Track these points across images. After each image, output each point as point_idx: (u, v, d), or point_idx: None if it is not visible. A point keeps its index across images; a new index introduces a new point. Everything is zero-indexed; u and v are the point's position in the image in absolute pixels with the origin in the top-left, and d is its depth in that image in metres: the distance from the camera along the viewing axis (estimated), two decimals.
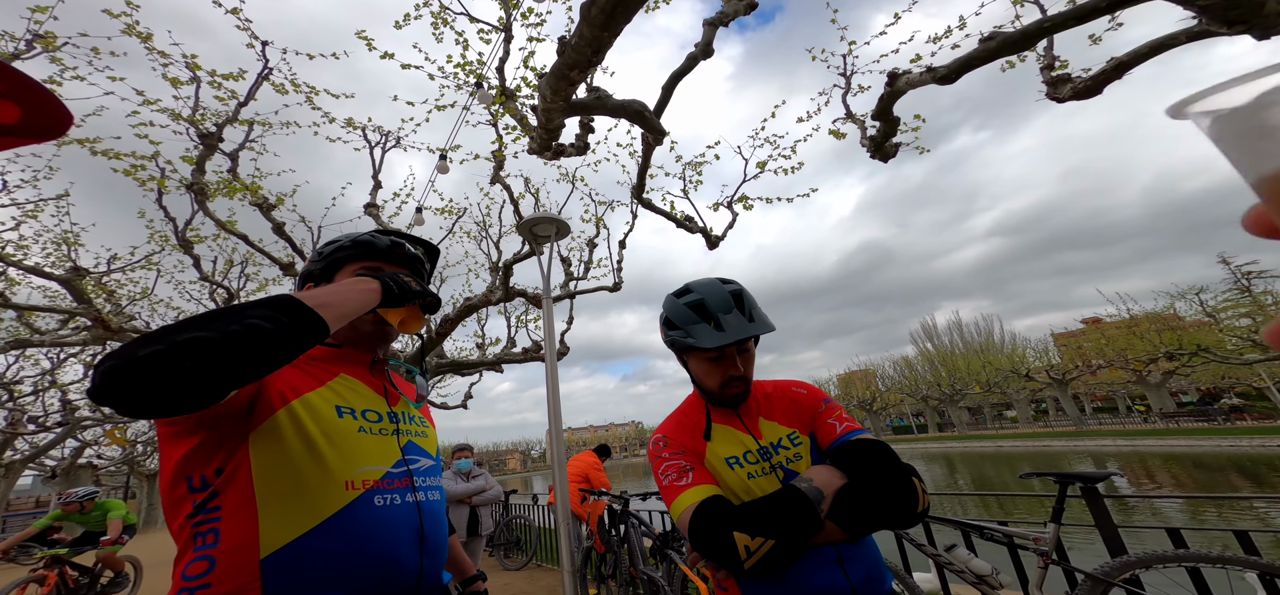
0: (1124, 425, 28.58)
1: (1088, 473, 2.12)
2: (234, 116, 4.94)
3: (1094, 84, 3.66)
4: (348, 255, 0.98)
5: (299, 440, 0.76)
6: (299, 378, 0.84)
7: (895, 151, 4.72)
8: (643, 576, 3.32)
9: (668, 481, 1.00)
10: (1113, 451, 21.54)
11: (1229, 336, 22.35)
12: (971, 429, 40.76)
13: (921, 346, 47.69)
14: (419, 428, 0.98)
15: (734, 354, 1.04)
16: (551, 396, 3.46)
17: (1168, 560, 1.83)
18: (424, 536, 0.84)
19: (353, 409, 0.87)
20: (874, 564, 0.98)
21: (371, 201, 6.52)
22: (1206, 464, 15.89)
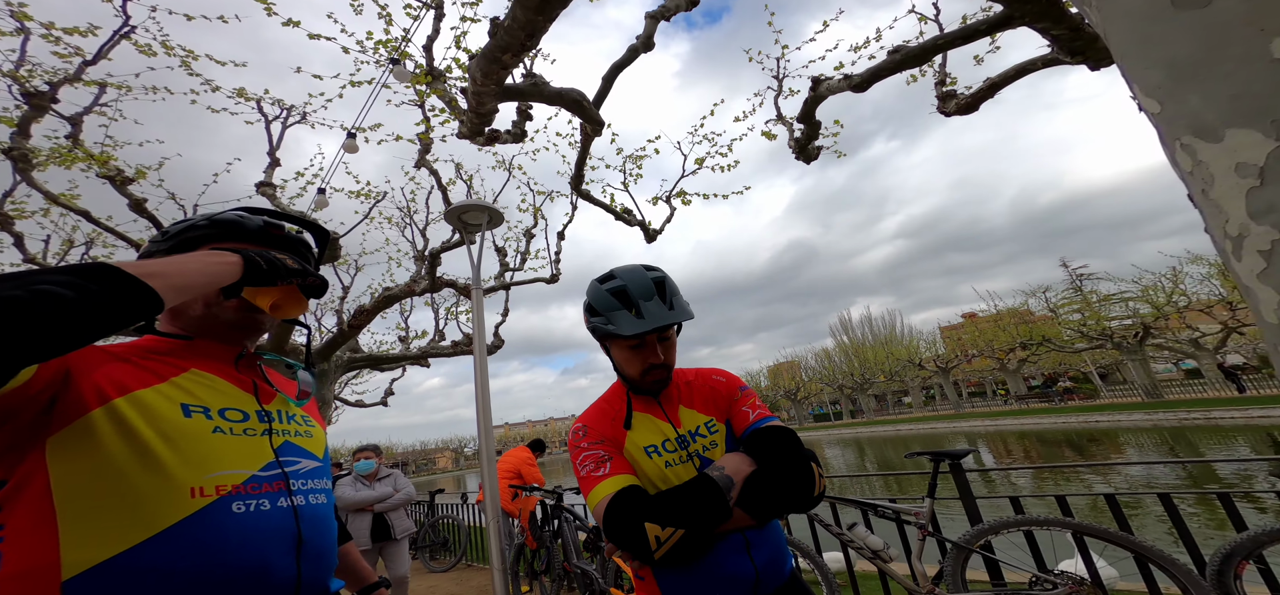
0: (990, 407, 34.01)
1: (953, 450, 2.48)
2: (76, 75, 4.03)
3: (973, 101, 4.27)
4: (202, 235, 0.84)
5: (124, 444, 0.66)
6: (128, 373, 0.72)
7: (817, 154, 5.12)
8: (576, 570, 3.34)
9: (585, 472, 1.00)
10: (982, 431, 25.53)
11: (1065, 328, 27.34)
12: (877, 415, 45.92)
13: (839, 339, 52.62)
14: (301, 427, 0.89)
15: (655, 342, 1.05)
16: (480, 391, 3.31)
17: (1010, 526, 2.22)
18: (303, 542, 0.78)
19: (206, 407, 0.77)
20: (777, 548, 1.03)
21: (266, 180, 5.70)
22: (1047, 439, 19.36)
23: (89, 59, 4.01)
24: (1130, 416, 20.01)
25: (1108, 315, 24.88)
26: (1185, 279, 22.28)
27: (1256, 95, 0.38)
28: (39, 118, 4.06)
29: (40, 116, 4.05)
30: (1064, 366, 35.28)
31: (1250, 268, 0.41)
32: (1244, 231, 0.41)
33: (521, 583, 4.00)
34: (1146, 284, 23.66)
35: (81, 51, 4.01)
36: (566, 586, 3.74)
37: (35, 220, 5.62)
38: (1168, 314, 22.54)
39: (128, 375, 0.72)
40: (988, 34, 3.44)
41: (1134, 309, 24.02)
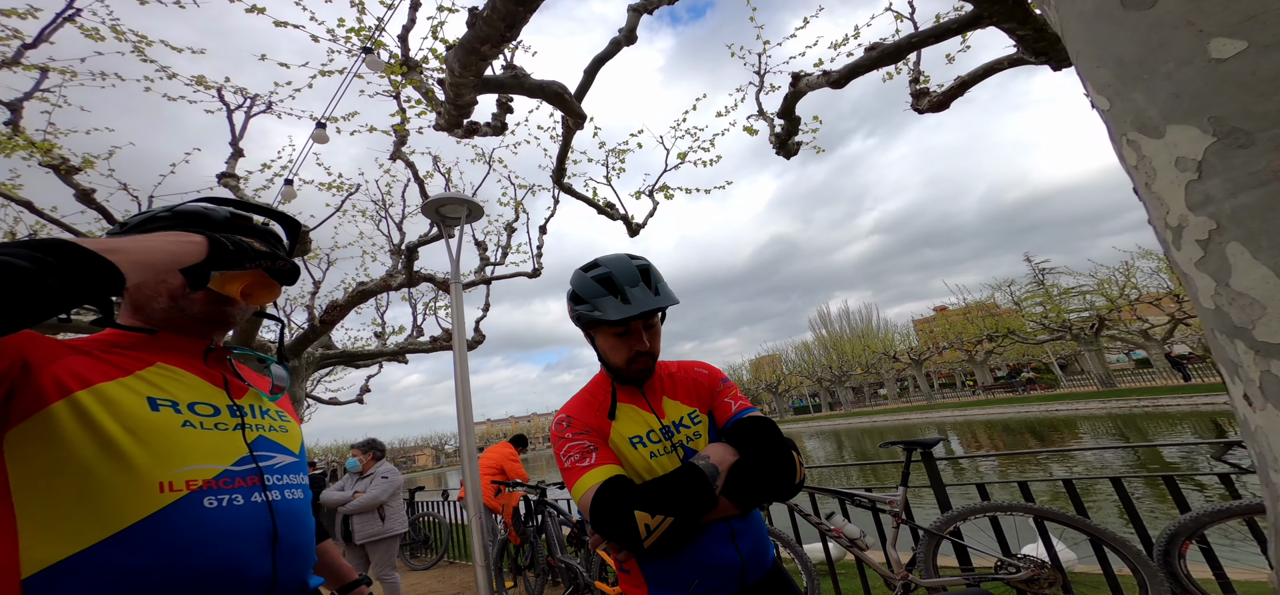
0: (960, 398, 35.42)
1: (924, 440, 2.57)
2: (15, 59, 3.73)
3: (944, 98, 4.41)
4: (162, 227, 0.82)
5: (88, 438, 0.64)
6: (90, 366, 0.70)
7: (797, 149, 5.21)
8: (561, 564, 3.34)
9: (570, 463, 1.00)
10: (952, 421, 26.55)
11: (1028, 321, 28.64)
12: (854, 407, 47.21)
13: (818, 332, 53.80)
14: (275, 422, 0.88)
15: (640, 329, 1.05)
16: (460, 387, 3.26)
17: (976, 512, 2.32)
18: (278, 538, 0.76)
19: (174, 401, 0.75)
20: (760, 537, 1.05)
21: (229, 171, 5.43)
22: (1012, 428, 20.35)
23: (29, 42, 3.72)
24: (1087, 405, 21.16)
25: (1067, 308, 26.11)
26: (1136, 273, 23.40)
27: (1195, 93, 0.40)
28: None
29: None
30: (1027, 358, 36.96)
31: (1189, 256, 0.43)
32: (1183, 222, 0.43)
33: (505, 578, 3.97)
34: (1102, 278, 24.89)
35: (20, 34, 3.72)
36: (551, 581, 3.74)
37: None
38: (1120, 306, 23.84)
39: (89, 368, 0.69)
40: (959, 33, 3.54)
41: (1090, 302, 25.30)
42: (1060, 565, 2.19)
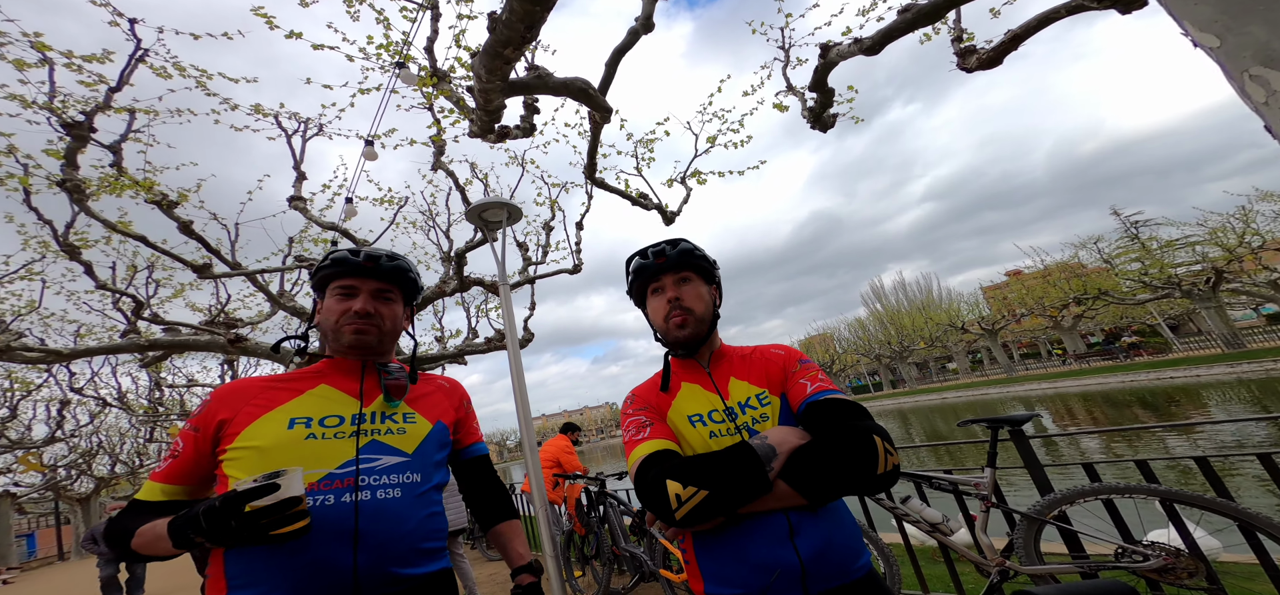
0: (1046, 368, 31.95)
1: (1013, 416, 2.26)
2: (106, 104, 4.23)
3: (995, 54, 3.95)
4: (329, 273, 1.06)
5: (252, 458, 0.89)
6: (267, 400, 0.95)
7: (833, 122, 4.90)
8: (625, 553, 3.38)
9: (627, 439, 1.02)
10: (1038, 394, 23.99)
11: (1124, 279, 25.21)
12: (920, 383, 44.14)
13: (872, 307, 50.74)
14: (394, 426, 1.00)
15: (670, 282, 1.08)
16: (517, 385, 3.33)
17: (1087, 494, 2.00)
18: (360, 535, 0.87)
19: (309, 418, 0.94)
20: (834, 540, 0.90)
21: (297, 194, 5.91)
22: (1115, 399, 17.93)
23: (114, 86, 4.19)
24: (1210, 370, 18.31)
25: (1172, 262, 22.72)
26: (1256, 217, 20.06)
27: None
28: (82, 148, 4.30)
29: (83, 147, 4.29)
30: (1127, 320, 32.61)
31: None
32: None
33: (573, 568, 4.07)
34: (1214, 226, 21.39)
35: (104, 79, 4.18)
36: (617, 570, 3.81)
37: (99, 248, 6.01)
38: (1241, 256, 20.32)
39: (259, 406, 0.94)
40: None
41: (1202, 253, 21.81)
42: (1201, 553, 1.84)
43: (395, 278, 1.10)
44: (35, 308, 7.38)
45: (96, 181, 4.68)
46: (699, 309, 1.07)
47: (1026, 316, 34.24)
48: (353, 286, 1.06)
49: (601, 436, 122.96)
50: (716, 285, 1.16)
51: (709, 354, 1.11)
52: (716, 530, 0.92)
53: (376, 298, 1.08)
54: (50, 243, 5.53)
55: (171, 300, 7.71)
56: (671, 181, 6.42)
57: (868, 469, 0.83)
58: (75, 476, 19.19)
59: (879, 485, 0.85)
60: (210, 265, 5.97)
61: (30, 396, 12.74)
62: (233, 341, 5.87)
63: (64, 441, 15.77)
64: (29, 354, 5.37)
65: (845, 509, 0.97)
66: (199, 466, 0.92)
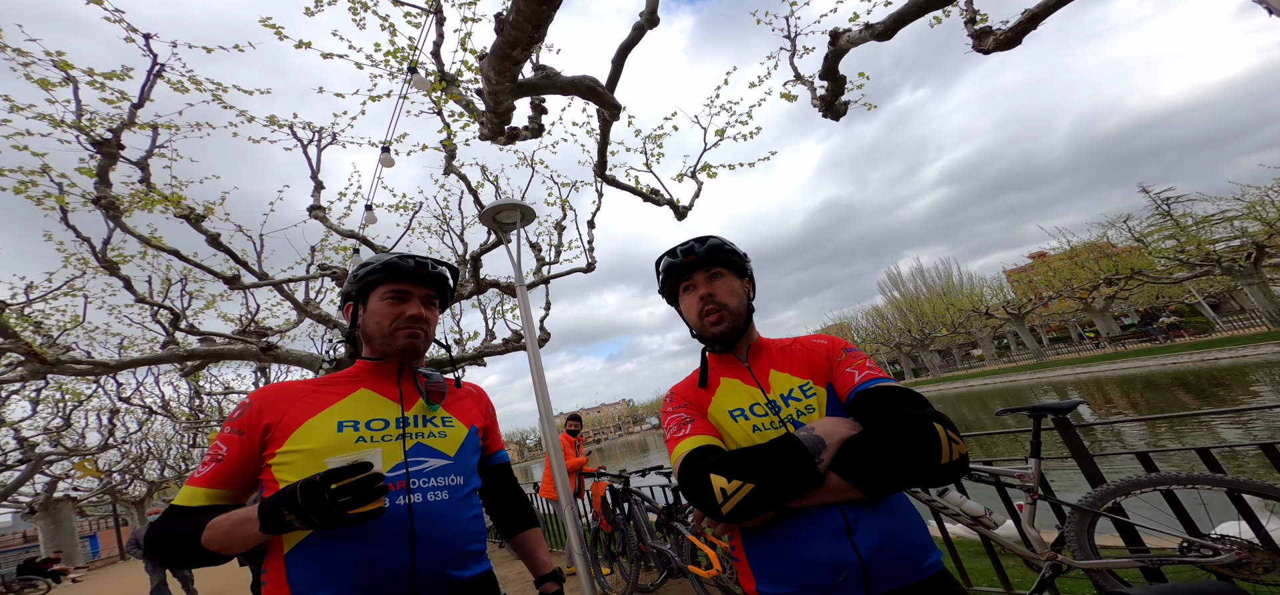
0: (1078, 353, 30.70)
1: (1056, 404, 2.13)
2: (130, 120, 4.36)
3: (1013, 34, 3.83)
4: (378, 278, 1.06)
5: (304, 460, 0.89)
6: (311, 403, 0.95)
7: (845, 109, 4.85)
8: (652, 550, 3.37)
9: (669, 436, 1.01)
10: (1072, 380, 23.00)
11: (1157, 258, 23.97)
12: (943, 371, 42.96)
13: (889, 295, 49.55)
14: (437, 429, 1.02)
15: (701, 279, 1.07)
16: (538, 385, 3.33)
17: (1146, 485, 1.87)
18: (416, 537, 0.88)
19: (356, 421, 0.95)
20: (899, 534, 0.84)
21: (316, 204, 6.03)
22: (1155, 382, 17.01)
23: (136, 102, 4.31)
24: (1257, 349, 17.28)
25: (1209, 238, 21.54)
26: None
27: None
28: (112, 165, 4.45)
29: (113, 164, 4.44)
30: (1164, 299, 31.10)
31: None
32: None
33: (601, 565, 4.10)
34: (1252, 200, 20.12)
35: (127, 95, 4.29)
36: (644, 566, 3.81)
37: (135, 263, 6.21)
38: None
39: (311, 405, 0.95)
40: None
41: (1240, 228, 20.62)
42: (1277, 547, 1.70)
43: (439, 285, 1.12)
44: (79, 322, 7.72)
45: (128, 198, 4.84)
46: (733, 303, 1.05)
47: (1054, 299, 32.94)
48: (405, 291, 1.06)
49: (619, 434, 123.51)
50: (749, 278, 1.14)
51: (747, 347, 1.09)
52: (765, 526, 0.88)
53: (425, 304, 1.10)
54: (89, 259, 5.75)
55: (204, 311, 7.97)
56: (681, 176, 6.36)
57: (930, 459, 0.76)
58: (129, 481, 20.23)
59: (944, 476, 0.78)
60: (239, 276, 6.15)
61: (82, 406, 13.41)
62: (265, 349, 6.04)
63: (116, 448, 16.61)
64: (78, 366, 5.61)
65: (908, 503, 0.90)
66: (246, 470, 0.91)
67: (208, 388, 14.14)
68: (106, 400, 13.30)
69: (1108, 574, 1.77)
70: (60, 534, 18.66)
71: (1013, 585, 2.24)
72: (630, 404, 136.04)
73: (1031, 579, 1.93)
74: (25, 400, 12.02)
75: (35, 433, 13.58)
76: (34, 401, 12.07)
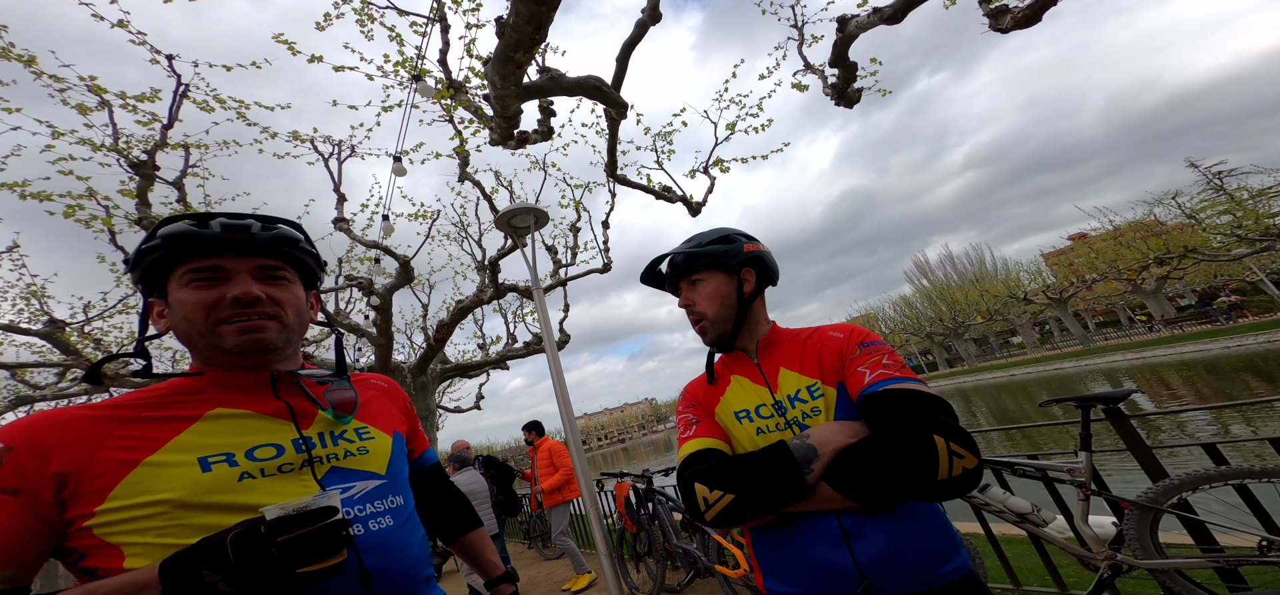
0: (1130, 337, 28.80)
1: (1108, 393, 1.96)
2: (163, 141, 4.59)
3: (1033, 12, 3.64)
4: (161, 257, 0.73)
5: (163, 517, 0.63)
6: (133, 437, 0.66)
7: (858, 97, 4.73)
8: (678, 550, 3.34)
9: (678, 436, 1.01)
10: (1125, 366, 21.50)
11: (1213, 234, 22.40)
12: (980, 361, 41.13)
13: (917, 284, 47.82)
14: (352, 445, 0.79)
15: (685, 287, 1.05)
16: (558, 387, 3.34)
17: (1216, 479, 1.68)
18: (368, 575, 0.71)
19: (230, 453, 0.69)
20: (907, 542, 0.78)
21: (340, 216, 6.24)
22: (1219, 368, 15.66)
23: (166, 123, 4.51)
24: None
25: (1268, 212, 19.91)
26: None
27: None
28: (150, 186, 4.69)
29: (150, 185, 4.68)
30: (1222, 278, 28.86)
31: None
32: None
33: (628, 565, 4.10)
34: None
35: (157, 117, 4.49)
36: (671, 567, 3.81)
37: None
38: None
39: (134, 444, 0.66)
40: None
41: None
42: None
43: (279, 249, 0.79)
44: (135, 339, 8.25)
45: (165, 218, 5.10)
46: (712, 309, 1.02)
47: (1099, 282, 31.01)
48: (218, 267, 0.74)
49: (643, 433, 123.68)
50: (749, 265, 1.02)
51: (755, 343, 1.03)
52: (769, 527, 0.88)
53: (263, 277, 0.77)
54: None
55: None
56: (694, 172, 6.29)
57: (925, 474, 0.71)
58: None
59: (943, 492, 0.73)
60: None
61: None
62: (306, 361, 6.31)
63: None
64: (135, 381, 6.00)
65: (925, 507, 0.83)
66: (28, 542, 0.60)
67: None
68: None
69: (1176, 575, 1.61)
70: None
71: (1068, 585, 2.07)
72: (653, 402, 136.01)
73: (1087, 578, 1.77)
74: None
75: None
76: None
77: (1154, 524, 1.71)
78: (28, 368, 6.62)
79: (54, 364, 5.93)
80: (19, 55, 3.86)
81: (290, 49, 4.14)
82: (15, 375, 7.79)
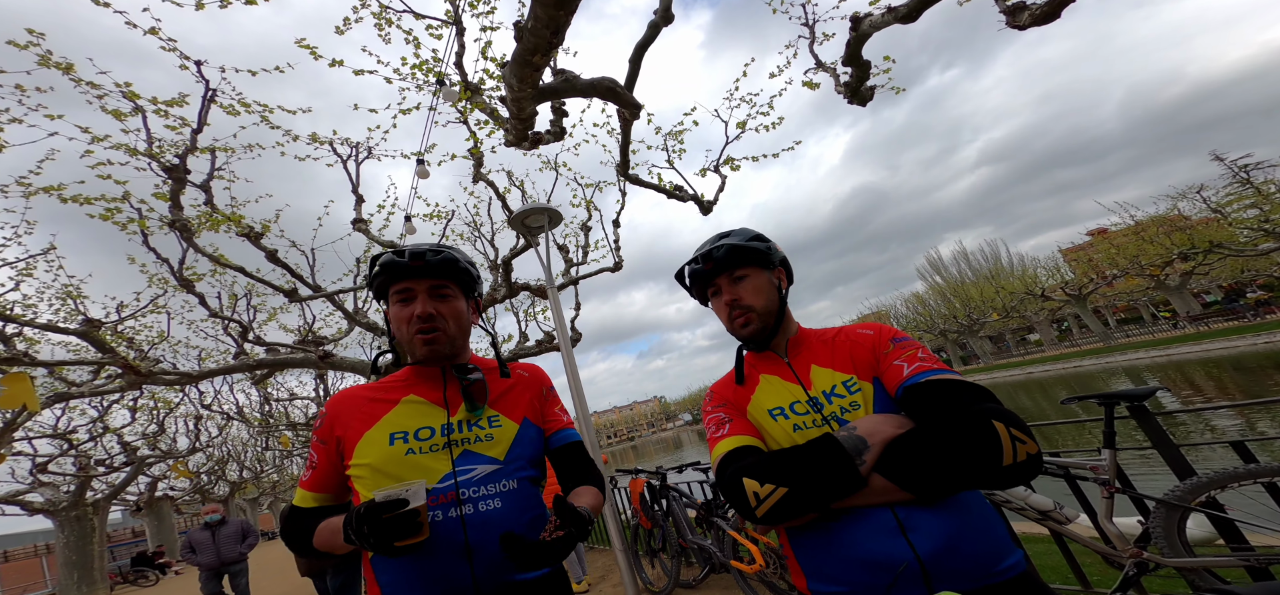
0: (1153, 334, 28.01)
1: (1131, 390, 1.94)
2: (192, 145, 4.72)
3: (1051, 8, 3.56)
4: (382, 280, 1.04)
5: (368, 476, 0.92)
6: (367, 414, 0.98)
7: (871, 95, 4.68)
8: (692, 546, 3.37)
9: (709, 435, 1.00)
10: (1147, 364, 20.97)
11: (1239, 229, 21.75)
12: (996, 358, 40.34)
13: (930, 280, 47.06)
14: (483, 431, 0.99)
15: (725, 283, 1.04)
16: (573, 384, 3.39)
17: (1244, 478, 1.66)
18: (471, 549, 0.87)
19: (406, 432, 0.95)
20: (965, 534, 0.77)
21: (358, 217, 6.37)
22: (1245, 365, 15.23)
23: (196, 127, 4.64)
24: None
25: None
26: None
27: None
28: (182, 189, 4.84)
29: (182, 188, 4.83)
30: (1250, 273, 27.92)
31: None
32: None
33: (642, 561, 4.13)
34: None
35: (187, 121, 4.63)
36: (685, 562, 3.82)
37: (207, 281, 6.73)
38: None
39: (362, 419, 0.97)
40: None
41: None
42: None
43: (447, 271, 1.03)
44: (165, 338, 8.51)
45: (196, 220, 5.28)
46: (759, 303, 1.01)
47: (1120, 278, 30.19)
48: (408, 289, 1.01)
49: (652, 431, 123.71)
50: (781, 265, 1.08)
51: (785, 342, 1.04)
52: (810, 525, 0.85)
53: (434, 297, 1.02)
54: (169, 279, 6.30)
55: (267, 323, 8.58)
56: (705, 171, 6.30)
57: (990, 461, 0.70)
58: (214, 482, 22.15)
59: (1009, 479, 0.71)
60: (296, 290, 6.58)
61: (172, 413, 14.89)
62: (323, 358, 6.45)
63: (202, 451, 18.29)
64: (167, 377, 6.21)
65: (979, 499, 0.82)
66: (337, 475, 0.97)
67: (275, 394, 15.33)
68: (191, 407, 14.70)
69: (1204, 573, 1.59)
70: (162, 530, 20.77)
71: (1091, 583, 2.06)
72: (662, 401, 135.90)
73: (1111, 577, 1.76)
74: (124, 409, 13.45)
75: (135, 438, 15.19)
76: (132, 410, 13.48)
77: (1181, 522, 1.69)
78: (65, 366, 6.88)
79: (89, 362, 6.14)
80: (57, 62, 3.99)
81: (313, 53, 4.23)
82: (53, 373, 8.11)
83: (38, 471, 13.24)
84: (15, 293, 6.78)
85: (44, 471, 13.34)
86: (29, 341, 6.92)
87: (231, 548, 5.67)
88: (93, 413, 13.35)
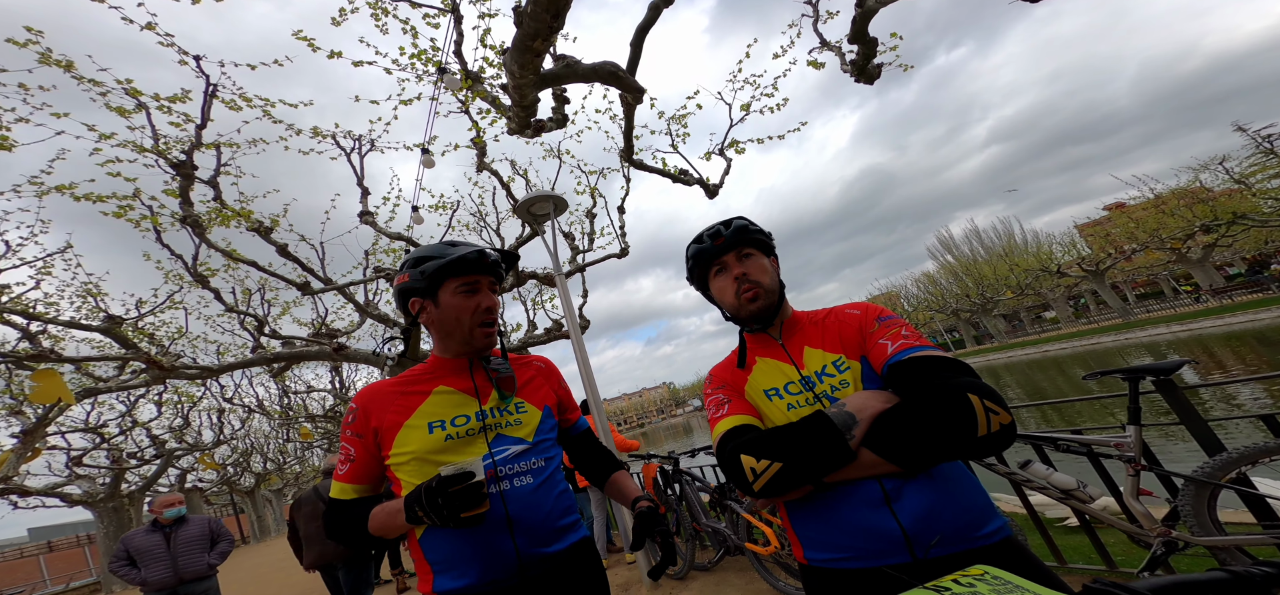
0: (1175, 309, 27.34)
1: (1158, 363, 1.88)
2: (198, 141, 4.72)
3: None
4: (448, 272, 1.07)
5: (413, 463, 0.99)
6: (401, 406, 1.03)
7: (879, 73, 4.54)
8: (706, 530, 3.39)
9: (710, 417, 1.04)
10: (1168, 339, 20.44)
11: (1264, 199, 21.02)
12: (1011, 337, 39.78)
13: (941, 260, 46.32)
14: (512, 416, 1.07)
15: (732, 260, 1.07)
16: (583, 370, 3.39)
17: (1275, 453, 1.61)
18: (512, 522, 0.96)
19: (443, 421, 1.02)
20: (947, 503, 0.81)
21: (365, 210, 6.37)
22: (1271, 338, 14.76)
23: (199, 124, 4.65)
24: None
25: None
26: None
27: None
28: (191, 185, 4.86)
29: (191, 184, 4.86)
30: (1275, 244, 27.04)
31: None
32: None
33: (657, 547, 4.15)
34: None
35: (190, 117, 4.63)
36: (700, 545, 3.85)
37: (221, 276, 6.81)
38: None
39: (398, 412, 1.02)
40: None
41: None
42: None
43: (497, 270, 1.13)
44: (183, 333, 8.68)
45: (206, 216, 5.32)
46: (766, 281, 1.06)
47: (1139, 252, 29.41)
48: (475, 282, 1.08)
49: (662, 417, 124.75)
50: (775, 257, 1.16)
51: (781, 324, 1.09)
52: (806, 498, 0.91)
53: (491, 289, 1.12)
54: (184, 275, 6.38)
55: (281, 317, 8.70)
56: (709, 154, 6.19)
57: (965, 431, 0.74)
58: (239, 473, 22.85)
59: (983, 448, 0.76)
60: (308, 283, 6.65)
61: (196, 407, 15.31)
62: (337, 349, 6.54)
63: (226, 444, 18.84)
64: (188, 371, 6.36)
65: (961, 470, 0.87)
66: (375, 466, 1.03)
67: (293, 387, 15.66)
68: (213, 401, 15.10)
69: (1236, 551, 1.55)
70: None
71: (1116, 563, 2.03)
72: (671, 387, 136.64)
73: (1138, 556, 1.73)
74: (150, 403, 13.86)
75: (162, 431, 15.68)
76: (158, 404, 13.90)
77: (1212, 499, 1.65)
78: (91, 361, 7.06)
79: (114, 358, 6.29)
80: (56, 60, 3.99)
81: (310, 46, 4.19)
82: (79, 369, 8.34)
83: (74, 464, 13.72)
84: (36, 292, 6.91)
85: (79, 464, 13.83)
86: (54, 338, 7.10)
87: (194, 557, 3.64)
88: (121, 407, 13.82)
